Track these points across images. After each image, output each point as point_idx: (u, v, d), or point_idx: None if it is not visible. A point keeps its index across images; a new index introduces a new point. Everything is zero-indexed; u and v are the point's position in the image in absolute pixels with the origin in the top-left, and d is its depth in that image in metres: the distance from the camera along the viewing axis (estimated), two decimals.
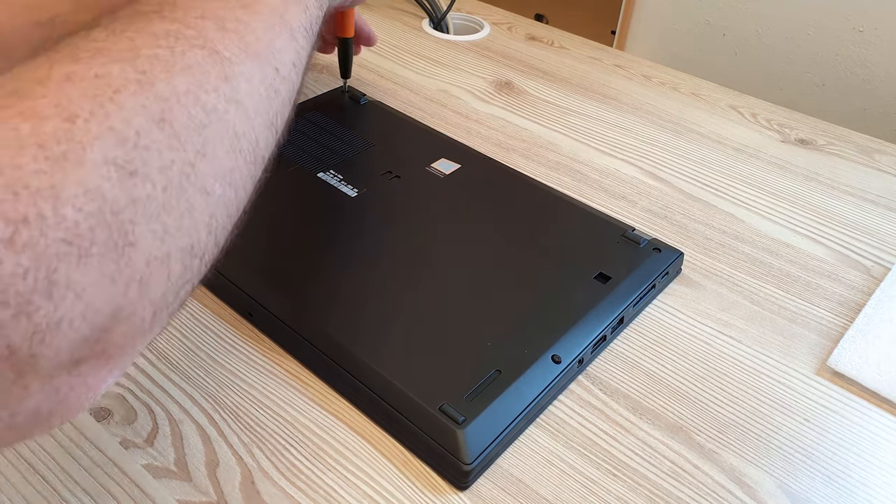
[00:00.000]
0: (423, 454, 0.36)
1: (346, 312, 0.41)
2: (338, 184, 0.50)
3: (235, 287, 0.42)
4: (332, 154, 0.53)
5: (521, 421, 0.37)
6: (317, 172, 0.51)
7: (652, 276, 0.45)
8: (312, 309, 0.41)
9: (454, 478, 0.35)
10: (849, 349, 0.42)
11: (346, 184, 0.50)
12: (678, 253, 0.47)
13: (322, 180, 0.50)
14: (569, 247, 0.46)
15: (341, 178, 0.51)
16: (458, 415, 0.35)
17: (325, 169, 0.52)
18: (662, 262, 0.46)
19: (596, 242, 0.47)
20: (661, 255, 0.46)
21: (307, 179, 0.51)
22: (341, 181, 0.50)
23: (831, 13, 0.79)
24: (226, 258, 0.43)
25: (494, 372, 0.37)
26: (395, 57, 0.71)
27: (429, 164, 0.53)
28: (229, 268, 0.43)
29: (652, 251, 0.46)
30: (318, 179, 0.51)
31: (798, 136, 0.62)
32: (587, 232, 0.48)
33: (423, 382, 0.37)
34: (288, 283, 0.42)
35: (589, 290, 0.43)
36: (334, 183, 0.50)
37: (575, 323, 0.41)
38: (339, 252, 0.45)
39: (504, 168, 0.54)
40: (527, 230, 0.48)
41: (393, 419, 0.36)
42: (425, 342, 0.39)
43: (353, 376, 0.38)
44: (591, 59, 0.73)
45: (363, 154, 0.54)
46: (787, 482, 0.36)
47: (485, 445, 0.35)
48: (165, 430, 0.36)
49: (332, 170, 0.51)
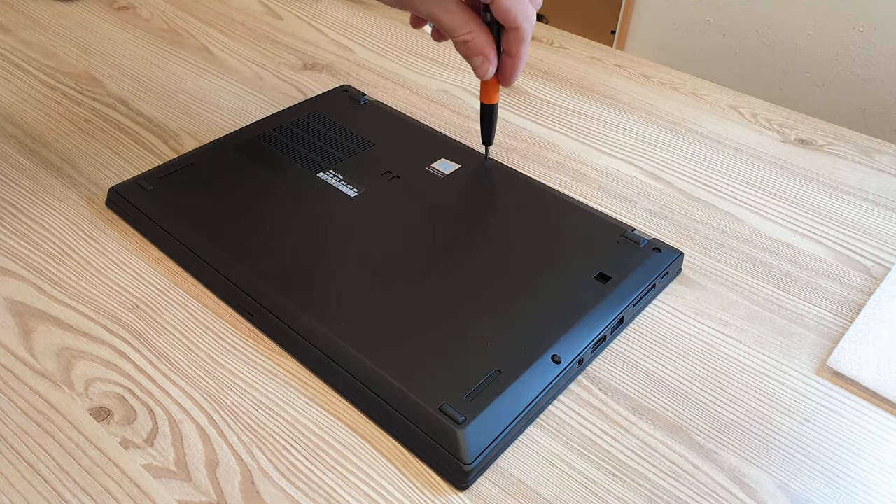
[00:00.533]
0: (424, 454, 0.36)
1: (346, 313, 0.41)
2: (337, 184, 0.50)
3: (235, 287, 0.42)
4: (331, 154, 0.53)
5: (521, 421, 0.37)
6: (316, 172, 0.51)
7: (652, 276, 0.45)
8: (313, 309, 0.41)
9: (454, 478, 0.35)
10: (849, 349, 0.42)
11: (346, 184, 0.50)
12: (678, 253, 0.47)
13: (322, 180, 0.50)
14: (569, 247, 0.46)
15: (341, 178, 0.51)
16: (458, 415, 0.35)
17: (325, 169, 0.52)
18: (662, 262, 0.46)
19: (596, 242, 0.47)
20: (661, 255, 0.46)
21: (307, 179, 0.51)
22: (341, 181, 0.50)
23: (831, 13, 0.79)
24: (227, 258, 0.43)
25: (494, 372, 0.37)
26: (395, 57, 0.71)
27: (428, 165, 0.53)
28: (230, 268, 0.43)
29: (652, 251, 0.46)
30: (317, 179, 0.51)
31: (798, 136, 0.62)
32: (587, 232, 0.48)
33: (423, 383, 0.37)
34: (288, 283, 0.42)
35: (589, 290, 0.43)
36: (334, 183, 0.50)
37: (575, 323, 0.41)
38: (339, 252, 0.45)
39: (504, 168, 0.54)
40: (527, 230, 0.48)
41: (393, 419, 0.36)
42: (425, 342, 0.39)
43: (353, 377, 0.38)
44: (591, 59, 0.73)
45: (363, 154, 0.54)
46: (787, 482, 0.36)
47: (485, 445, 0.35)
48: (165, 430, 0.36)
49: (331, 170, 0.51)
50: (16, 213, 0.49)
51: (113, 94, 0.63)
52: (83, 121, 0.59)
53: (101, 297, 0.44)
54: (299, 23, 0.76)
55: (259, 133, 0.55)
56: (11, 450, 0.36)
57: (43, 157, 0.55)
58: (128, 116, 0.60)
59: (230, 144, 0.54)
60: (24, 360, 0.40)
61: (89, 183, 0.52)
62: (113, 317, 0.42)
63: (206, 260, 0.44)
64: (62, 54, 0.68)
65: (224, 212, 0.47)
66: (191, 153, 0.53)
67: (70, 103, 0.61)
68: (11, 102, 0.60)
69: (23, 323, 0.42)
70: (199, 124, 0.59)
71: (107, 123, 0.59)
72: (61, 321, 0.42)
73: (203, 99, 0.63)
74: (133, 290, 0.44)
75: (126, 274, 0.45)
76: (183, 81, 0.65)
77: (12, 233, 0.48)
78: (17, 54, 0.67)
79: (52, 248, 0.47)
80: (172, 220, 0.47)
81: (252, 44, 0.71)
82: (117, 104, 0.61)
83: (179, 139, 0.57)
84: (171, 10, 0.77)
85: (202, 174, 0.51)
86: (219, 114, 0.61)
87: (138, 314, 0.43)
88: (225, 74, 0.66)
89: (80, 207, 0.50)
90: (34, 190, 0.51)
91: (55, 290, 0.44)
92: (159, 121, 0.59)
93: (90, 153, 0.55)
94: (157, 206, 0.48)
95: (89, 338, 0.41)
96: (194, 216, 0.47)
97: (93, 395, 0.38)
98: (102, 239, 0.48)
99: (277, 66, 0.68)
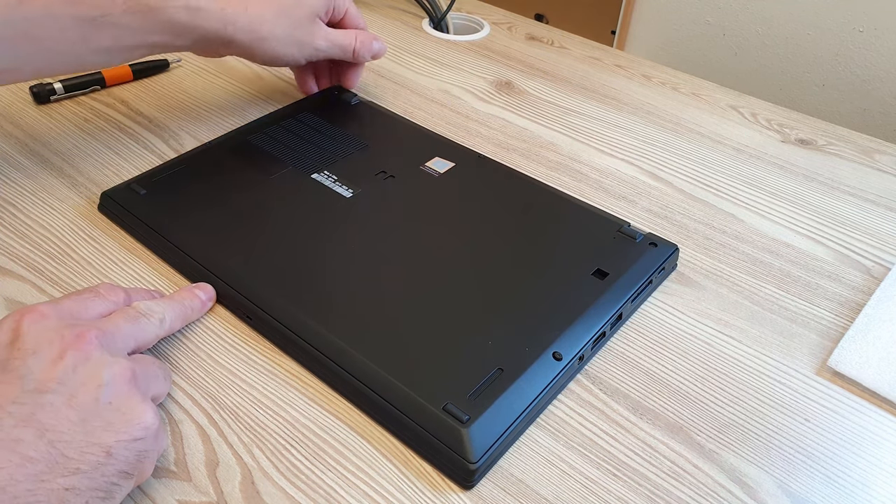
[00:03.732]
0: (428, 454, 0.36)
1: (346, 314, 0.41)
2: (332, 184, 0.50)
3: (235, 291, 0.42)
4: (325, 155, 0.53)
5: (524, 418, 0.37)
6: (310, 174, 0.51)
7: (649, 271, 0.45)
8: (313, 312, 0.41)
9: (460, 477, 0.35)
10: (849, 349, 0.42)
11: (341, 184, 0.50)
12: (674, 247, 0.47)
13: (316, 181, 0.50)
14: (565, 243, 0.46)
15: (335, 179, 0.51)
16: (462, 414, 0.35)
17: (319, 170, 0.51)
18: (659, 257, 0.46)
19: (592, 238, 0.47)
20: (658, 249, 0.46)
21: (301, 181, 0.50)
22: (335, 182, 0.50)
23: (831, 13, 0.79)
24: (224, 262, 0.43)
25: (496, 370, 0.37)
26: (395, 57, 0.71)
27: (423, 164, 0.53)
28: (227, 272, 0.43)
29: (648, 246, 0.46)
30: (312, 181, 0.50)
31: (798, 136, 0.62)
32: (583, 228, 0.48)
33: (425, 383, 0.37)
34: (287, 287, 0.42)
35: (587, 286, 0.43)
36: (328, 184, 0.50)
37: (574, 320, 0.41)
38: (337, 253, 0.45)
39: (498, 165, 0.54)
40: (523, 227, 0.48)
41: (396, 420, 0.36)
42: (426, 342, 0.39)
43: (355, 378, 0.38)
44: (591, 59, 0.73)
45: (356, 154, 0.54)
46: (787, 482, 0.36)
47: (490, 444, 0.35)
48: (165, 430, 0.36)
49: (325, 170, 0.51)
50: (16, 213, 0.49)
51: (113, 93, 0.63)
52: (83, 121, 0.59)
53: None
54: None
55: (250, 135, 0.55)
56: None
57: (43, 157, 0.55)
58: (128, 116, 0.60)
59: (222, 147, 0.54)
60: None
61: (89, 183, 0.52)
62: None
63: (203, 265, 0.44)
64: None
65: (219, 215, 0.47)
66: (183, 156, 0.53)
67: (70, 103, 0.61)
68: (11, 102, 0.60)
69: None
70: (199, 124, 0.59)
71: (107, 123, 0.59)
72: None
73: (203, 99, 0.63)
74: None
75: (126, 274, 0.45)
76: (183, 81, 0.65)
77: (12, 233, 0.48)
78: None
79: (52, 248, 0.47)
80: (167, 224, 0.46)
81: None
82: (117, 104, 0.61)
83: (179, 139, 0.57)
84: None
85: (195, 177, 0.51)
86: (219, 114, 0.61)
87: None
88: (225, 74, 0.66)
89: (80, 207, 0.50)
90: (34, 190, 0.51)
91: (55, 290, 0.44)
92: (159, 121, 0.59)
93: (90, 153, 0.55)
94: (150, 210, 0.47)
95: None
96: (189, 220, 0.47)
97: None
98: (102, 239, 0.48)
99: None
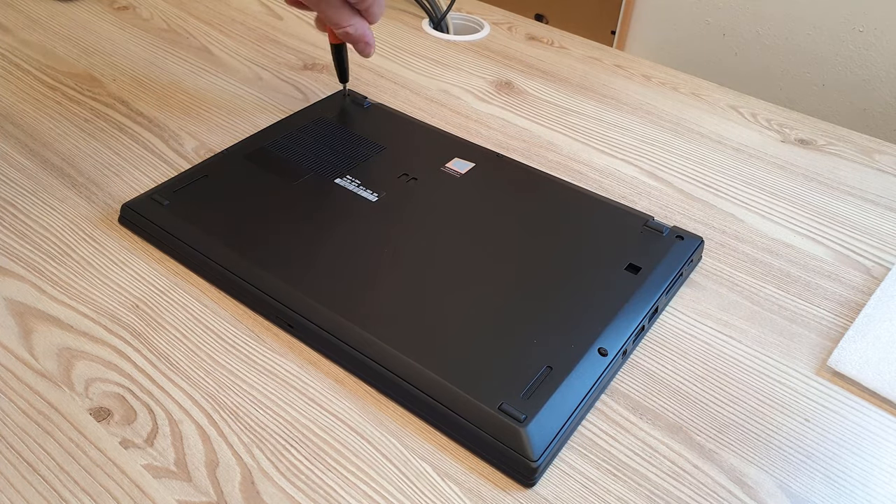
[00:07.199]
0: (487, 455, 0.36)
1: (390, 319, 0.40)
2: (356, 189, 0.50)
3: (275, 301, 0.42)
4: (344, 159, 0.53)
5: (577, 415, 0.37)
6: (333, 179, 0.51)
7: (679, 263, 0.45)
8: (357, 318, 0.40)
9: (521, 476, 0.35)
10: (849, 349, 0.42)
11: (365, 188, 0.50)
12: (700, 239, 0.47)
13: (340, 186, 0.50)
14: (594, 239, 0.47)
15: (359, 184, 0.50)
16: (518, 413, 0.35)
17: (342, 175, 0.51)
18: (687, 250, 0.46)
19: (619, 233, 0.47)
20: (685, 242, 0.47)
21: (325, 186, 0.50)
22: (359, 186, 0.50)
23: (831, 13, 0.79)
24: (260, 271, 0.43)
25: (545, 368, 0.38)
26: (395, 57, 0.71)
27: (443, 165, 0.53)
28: (265, 281, 0.43)
29: (675, 239, 0.47)
30: (336, 186, 0.50)
31: (798, 136, 0.62)
32: (609, 223, 0.48)
33: (478, 384, 0.37)
34: (329, 293, 0.42)
35: (622, 281, 0.43)
36: (353, 188, 0.50)
37: (614, 315, 0.41)
38: (371, 258, 0.45)
39: (517, 164, 0.54)
40: (551, 225, 0.48)
41: (451, 422, 0.36)
42: (473, 343, 0.39)
43: (408, 383, 0.38)
44: (591, 59, 0.73)
45: (375, 158, 0.54)
46: (787, 482, 0.36)
47: (548, 441, 0.35)
48: (165, 430, 0.36)
49: (348, 175, 0.51)
50: (16, 213, 0.49)
51: (113, 94, 0.63)
52: (83, 121, 0.59)
53: (102, 298, 0.44)
54: (299, 23, 0.76)
55: (267, 142, 0.55)
56: (11, 450, 0.36)
57: (43, 157, 0.55)
58: (128, 116, 0.60)
59: (239, 154, 0.53)
60: (24, 360, 0.40)
61: (89, 183, 0.52)
62: (113, 317, 0.42)
63: (239, 275, 0.43)
64: (62, 54, 0.68)
65: (247, 223, 0.47)
66: (201, 165, 0.52)
67: (70, 103, 0.61)
68: (11, 102, 0.60)
69: (23, 323, 0.42)
70: (199, 124, 0.59)
71: (107, 123, 0.59)
72: (61, 321, 0.42)
73: (203, 99, 0.63)
74: (133, 290, 0.44)
75: (126, 274, 0.45)
76: (183, 81, 0.65)
77: (12, 233, 0.48)
78: (17, 54, 0.67)
79: (53, 248, 0.47)
80: (195, 234, 0.46)
81: (252, 44, 0.71)
82: (117, 104, 0.61)
83: (179, 139, 0.57)
84: (170, 10, 0.77)
85: (217, 186, 0.50)
86: (219, 114, 0.61)
87: (138, 314, 0.43)
88: (225, 74, 0.66)
89: (80, 207, 0.50)
90: (34, 190, 0.51)
91: (55, 290, 0.44)
92: (159, 121, 0.59)
93: (90, 153, 0.55)
94: (176, 220, 0.47)
95: (89, 338, 0.41)
96: (217, 230, 0.46)
97: (93, 395, 0.38)
98: (102, 239, 0.48)
99: (277, 66, 0.68)
